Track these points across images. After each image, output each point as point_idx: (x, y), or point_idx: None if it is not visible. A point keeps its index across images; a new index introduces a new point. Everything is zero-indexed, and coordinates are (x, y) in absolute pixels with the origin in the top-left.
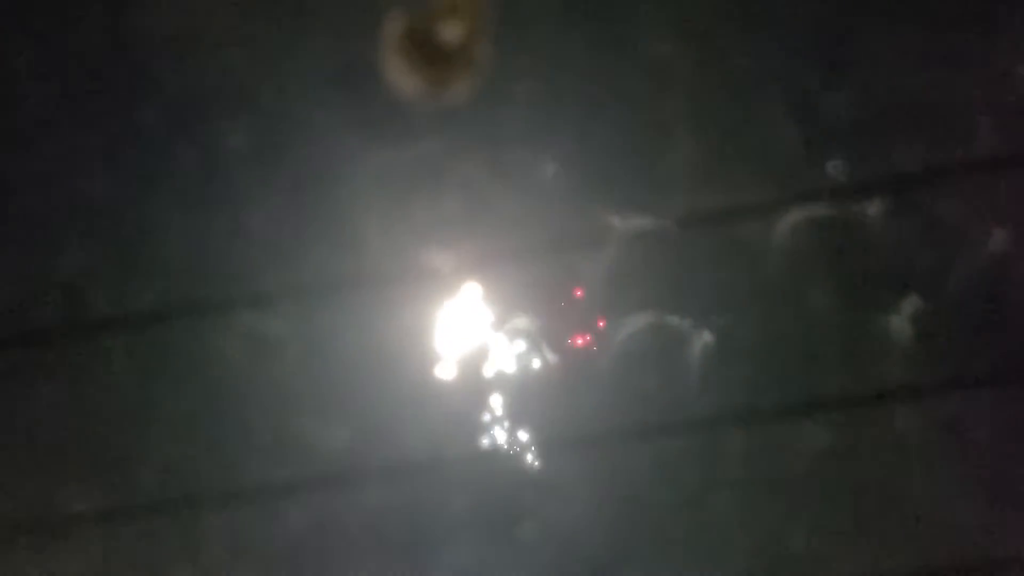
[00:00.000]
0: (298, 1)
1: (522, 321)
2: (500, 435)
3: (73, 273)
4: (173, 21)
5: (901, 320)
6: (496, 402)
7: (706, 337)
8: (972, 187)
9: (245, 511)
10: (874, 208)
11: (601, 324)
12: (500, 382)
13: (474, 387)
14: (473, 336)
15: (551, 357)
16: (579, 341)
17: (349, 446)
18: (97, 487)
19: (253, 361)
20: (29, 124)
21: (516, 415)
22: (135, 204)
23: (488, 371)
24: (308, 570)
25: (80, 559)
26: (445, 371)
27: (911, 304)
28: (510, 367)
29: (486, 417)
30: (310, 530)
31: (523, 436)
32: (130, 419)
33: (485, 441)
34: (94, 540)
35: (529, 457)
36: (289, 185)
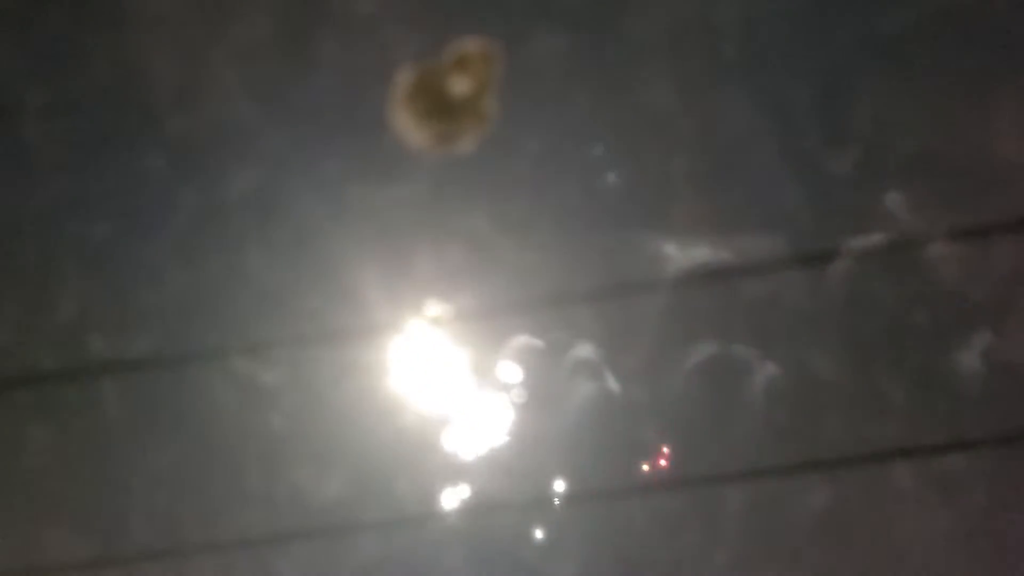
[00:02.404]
0: (302, 48)
1: (519, 372)
2: (496, 489)
3: (70, 317)
4: (175, 66)
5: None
6: (493, 455)
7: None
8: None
9: (235, 562)
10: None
11: (599, 379)
12: (497, 435)
13: (471, 440)
14: (471, 388)
15: (549, 410)
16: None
17: (342, 498)
18: (85, 534)
19: (247, 410)
20: (29, 167)
21: (513, 469)
22: (133, 249)
23: (486, 424)
24: None
25: None
26: (443, 423)
27: (981, 340)
28: (508, 420)
29: (483, 470)
30: None
31: (520, 490)
32: (121, 465)
33: (481, 495)
34: None
35: (527, 512)
36: (289, 233)
